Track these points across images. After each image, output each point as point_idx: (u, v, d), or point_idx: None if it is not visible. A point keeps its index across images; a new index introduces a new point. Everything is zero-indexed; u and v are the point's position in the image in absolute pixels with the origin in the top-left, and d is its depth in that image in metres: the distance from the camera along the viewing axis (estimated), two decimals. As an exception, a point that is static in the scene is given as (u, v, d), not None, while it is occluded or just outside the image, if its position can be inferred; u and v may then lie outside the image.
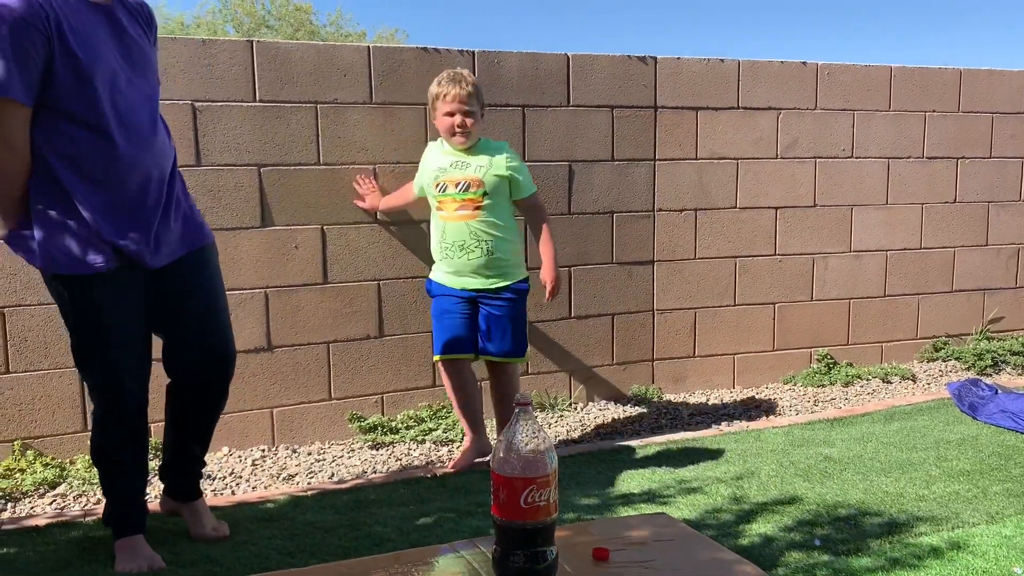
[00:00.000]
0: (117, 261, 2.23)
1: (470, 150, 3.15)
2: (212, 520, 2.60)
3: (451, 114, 3.09)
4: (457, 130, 3.10)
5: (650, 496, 2.92)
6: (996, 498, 2.84)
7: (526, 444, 1.39)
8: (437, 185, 3.15)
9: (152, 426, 2.54)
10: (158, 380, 2.49)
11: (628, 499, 2.89)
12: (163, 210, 2.30)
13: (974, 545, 2.46)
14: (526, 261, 3.41)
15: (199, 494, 2.63)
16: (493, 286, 3.17)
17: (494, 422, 3.49)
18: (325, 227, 3.56)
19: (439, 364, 3.28)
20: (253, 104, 3.41)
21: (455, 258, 3.14)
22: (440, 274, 3.22)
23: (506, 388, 3.27)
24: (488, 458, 3.03)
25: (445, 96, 3.09)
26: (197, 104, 3.31)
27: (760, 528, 2.62)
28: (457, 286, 3.18)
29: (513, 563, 1.39)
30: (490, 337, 3.20)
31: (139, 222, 2.24)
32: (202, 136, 3.34)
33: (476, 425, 3.31)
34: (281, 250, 3.51)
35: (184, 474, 2.60)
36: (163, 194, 2.30)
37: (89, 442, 2.43)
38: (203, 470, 2.68)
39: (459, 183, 3.11)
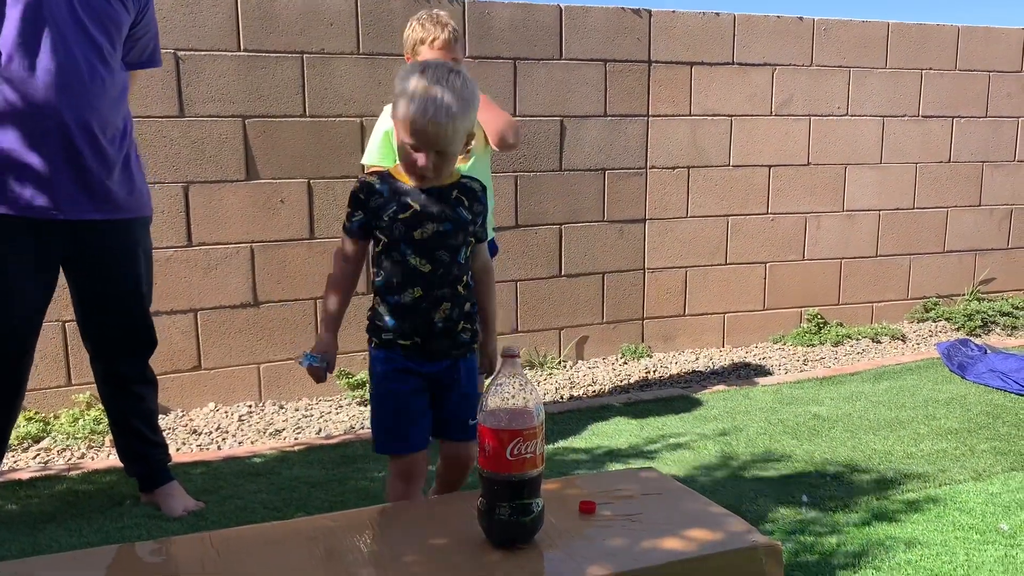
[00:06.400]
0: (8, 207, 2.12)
1: None
2: (186, 501, 2.45)
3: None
4: None
5: (638, 452, 2.91)
6: (983, 456, 2.84)
7: (512, 396, 1.37)
8: None
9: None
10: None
11: (616, 455, 2.88)
12: (87, 163, 2.17)
13: (961, 502, 2.46)
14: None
15: (168, 478, 2.48)
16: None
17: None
18: (311, 181, 3.50)
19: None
20: (237, 54, 3.32)
21: None
22: None
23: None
24: None
25: (433, 41, 2.81)
26: (180, 53, 3.23)
27: (748, 484, 2.61)
28: None
29: (499, 515, 1.37)
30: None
31: (46, 166, 2.12)
32: (185, 86, 3.27)
33: None
34: (267, 204, 3.45)
35: (143, 458, 2.46)
36: (92, 146, 2.17)
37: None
38: (167, 454, 2.51)
39: None
